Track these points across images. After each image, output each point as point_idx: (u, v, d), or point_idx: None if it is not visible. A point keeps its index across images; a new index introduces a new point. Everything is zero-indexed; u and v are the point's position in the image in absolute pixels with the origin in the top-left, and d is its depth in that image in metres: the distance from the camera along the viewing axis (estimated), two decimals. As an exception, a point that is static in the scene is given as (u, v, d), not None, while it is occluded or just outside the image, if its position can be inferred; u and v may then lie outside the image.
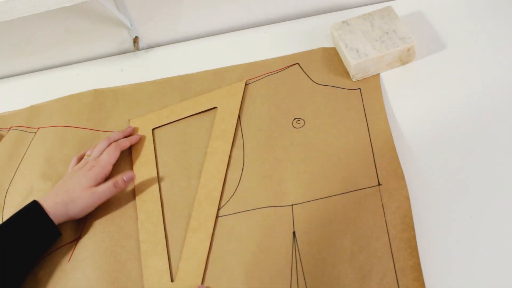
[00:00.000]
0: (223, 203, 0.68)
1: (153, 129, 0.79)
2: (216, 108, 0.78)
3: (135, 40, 0.91)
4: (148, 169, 0.74)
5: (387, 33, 0.73)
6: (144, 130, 0.79)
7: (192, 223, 0.67)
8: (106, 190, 0.69)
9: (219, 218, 0.67)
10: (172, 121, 0.79)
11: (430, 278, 0.55)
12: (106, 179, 0.71)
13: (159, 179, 0.73)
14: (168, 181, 0.73)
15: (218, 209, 0.68)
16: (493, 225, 0.58)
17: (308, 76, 0.77)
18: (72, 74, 0.93)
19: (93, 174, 0.70)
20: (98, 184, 0.70)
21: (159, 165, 0.74)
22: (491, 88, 0.69)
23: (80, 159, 0.76)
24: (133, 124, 0.80)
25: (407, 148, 0.66)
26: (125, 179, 0.70)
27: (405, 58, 0.74)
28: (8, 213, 0.75)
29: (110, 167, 0.72)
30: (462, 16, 0.78)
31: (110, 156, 0.73)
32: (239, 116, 0.76)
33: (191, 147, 0.75)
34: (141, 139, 0.78)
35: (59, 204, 0.67)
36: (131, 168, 0.75)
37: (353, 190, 0.64)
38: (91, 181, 0.69)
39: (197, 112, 0.78)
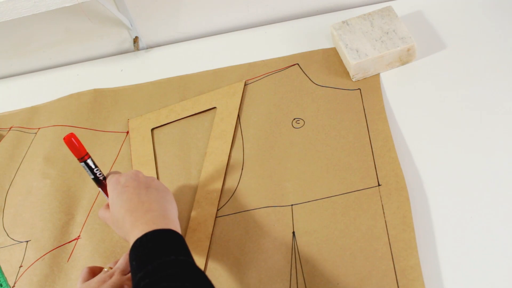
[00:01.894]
0: (222, 203, 0.68)
1: (152, 129, 0.79)
2: (215, 108, 0.78)
3: (135, 40, 0.91)
4: (147, 169, 0.74)
5: (387, 33, 0.73)
6: (143, 130, 0.79)
7: (192, 223, 0.67)
8: None
9: (218, 218, 0.67)
10: (171, 121, 0.79)
11: (429, 278, 0.55)
12: None
13: (158, 179, 0.73)
14: (167, 181, 0.72)
15: (218, 209, 0.67)
16: (492, 225, 0.58)
17: (307, 76, 0.77)
18: (72, 74, 0.93)
19: None
20: None
21: (158, 165, 0.74)
22: (491, 88, 0.69)
23: (93, 272, 0.58)
24: (132, 124, 0.80)
25: (407, 148, 0.66)
26: None
27: (405, 58, 0.74)
28: (8, 213, 0.75)
29: None
30: (462, 16, 0.78)
31: None
32: (238, 116, 0.76)
33: (190, 147, 0.75)
34: (141, 139, 0.78)
35: None
36: (131, 168, 0.75)
37: (352, 190, 0.64)
38: None
39: (196, 112, 0.78)
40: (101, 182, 0.63)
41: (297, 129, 0.72)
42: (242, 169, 0.70)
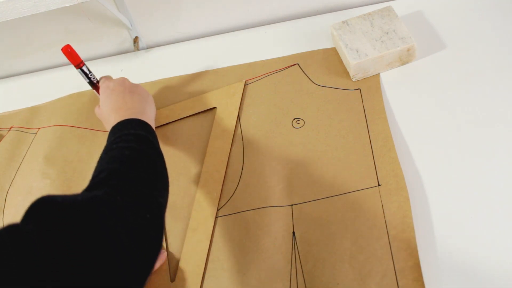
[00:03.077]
0: (222, 203, 0.68)
1: (152, 129, 0.79)
2: (215, 108, 0.78)
3: (135, 40, 0.91)
4: (147, 169, 0.74)
5: (387, 33, 0.73)
6: (144, 130, 0.79)
7: (192, 223, 0.67)
8: None
9: (218, 218, 0.67)
10: (171, 121, 0.79)
11: (429, 278, 0.55)
12: None
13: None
14: (167, 181, 0.72)
15: (218, 209, 0.67)
16: (492, 226, 0.58)
17: (307, 76, 0.77)
18: (72, 74, 0.93)
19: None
20: None
21: (159, 165, 0.74)
22: (491, 88, 0.69)
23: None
24: (133, 124, 0.80)
25: (407, 148, 0.66)
26: None
27: (405, 58, 0.74)
28: (8, 213, 0.75)
29: None
30: (462, 16, 0.78)
31: None
32: (238, 116, 0.76)
33: (190, 147, 0.75)
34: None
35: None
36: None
37: (352, 190, 0.64)
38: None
39: (196, 112, 0.78)
40: (95, 85, 0.74)
41: (297, 129, 0.72)
42: (242, 169, 0.70)
